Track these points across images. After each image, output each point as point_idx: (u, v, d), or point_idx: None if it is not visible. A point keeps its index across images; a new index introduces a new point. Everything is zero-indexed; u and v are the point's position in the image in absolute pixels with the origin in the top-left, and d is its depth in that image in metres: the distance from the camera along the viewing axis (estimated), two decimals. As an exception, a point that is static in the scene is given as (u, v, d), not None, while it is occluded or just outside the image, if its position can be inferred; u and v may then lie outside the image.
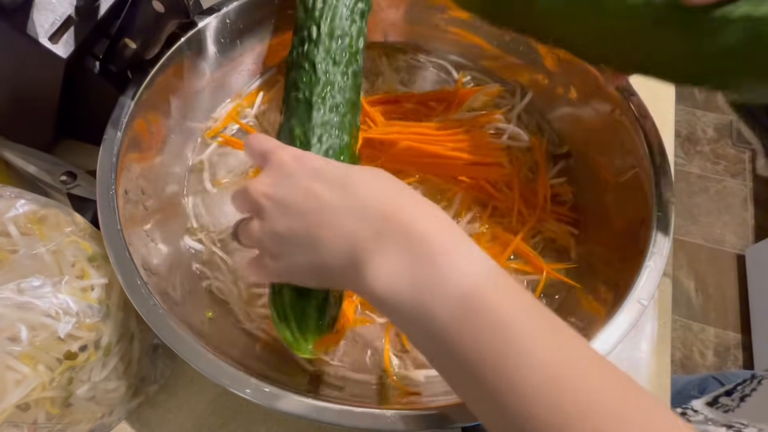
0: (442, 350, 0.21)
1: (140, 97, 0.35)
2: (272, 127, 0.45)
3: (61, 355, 0.27)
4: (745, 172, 1.50)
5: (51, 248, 0.29)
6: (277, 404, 0.25)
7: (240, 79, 0.46)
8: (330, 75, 0.34)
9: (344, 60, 0.35)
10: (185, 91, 0.41)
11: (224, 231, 0.39)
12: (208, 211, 0.40)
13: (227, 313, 0.36)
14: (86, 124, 0.44)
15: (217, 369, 0.26)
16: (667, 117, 0.53)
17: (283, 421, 0.36)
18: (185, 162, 0.42)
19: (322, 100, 0.33)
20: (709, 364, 1.19)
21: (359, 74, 0.37)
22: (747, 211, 1.42)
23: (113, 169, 0.32)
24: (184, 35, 0.38)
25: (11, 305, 0.26)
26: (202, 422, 0.35)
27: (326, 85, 0.34)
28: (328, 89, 0.34)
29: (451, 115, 0.44)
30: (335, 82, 0.34)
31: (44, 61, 0.33)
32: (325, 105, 0.33)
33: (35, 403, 0.27)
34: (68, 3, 0.33)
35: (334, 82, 0.34)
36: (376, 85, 0.48)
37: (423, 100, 0.45)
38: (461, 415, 0.25)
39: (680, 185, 1.45)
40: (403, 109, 0.44)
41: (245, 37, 0.43)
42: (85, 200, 0.39)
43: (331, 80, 0.34)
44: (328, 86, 0.34)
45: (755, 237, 1.37)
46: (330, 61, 0.35)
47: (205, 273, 0.37)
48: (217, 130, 0.44)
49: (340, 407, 0.25)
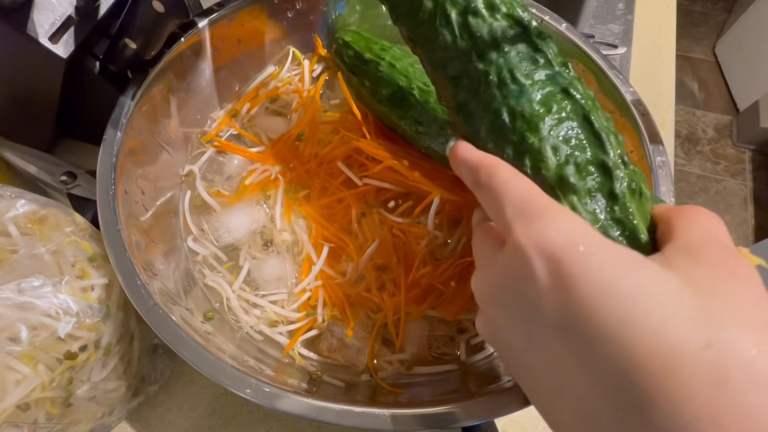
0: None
1: (140, 98, 0.35)
2: (264, 131, 0.45)
3: (61, 355, 0.27)
4: (745, 172, 1.50)
5: (51, 248, 0.29)
6: (277, 404, 0.25)
7: (239, 79, 0.46)
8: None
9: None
10: (185, 92, 0.41)
11: (223, 238, 0.39)
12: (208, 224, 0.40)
13: (226, 314, 0.36)
14: (86, 124, 0.44)
15: (218, 369, 0.26)
16: (667, 117, 0.53)
17: (283, 421, 0.36)
18: (184, 165, 0.42)
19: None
20: (709, 364, 1.19)
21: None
22: (747, 211, 1.43)
23: (113, 169, 0.32)
24: (184, 35, 0.38)
25: (11, 305, 0.26)
26: (202, 422, 0.35)
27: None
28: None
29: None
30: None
31: (44, 61, 0.33)
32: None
33: (35, 403, 0.27)
34: (68, 3, 0.33)
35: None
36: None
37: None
38: (461, 415, 0.25)
39: (680, 185, 1.45)
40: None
41: (245, 37, 0.44)
42: (85, 200, 0.39)
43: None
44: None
45: (755, 237, 1.37)
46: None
47: (205, 273, 0.37)
48: (212, 135, 0.44)
49: (339, 407, 0.25)
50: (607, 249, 0.16)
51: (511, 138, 0.22)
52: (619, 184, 0.20)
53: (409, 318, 0.35)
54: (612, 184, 0.20)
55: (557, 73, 0.22)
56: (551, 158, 0.20)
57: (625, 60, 0.59)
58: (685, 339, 0.14)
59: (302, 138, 0.43)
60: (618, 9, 0.64)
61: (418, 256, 0.36)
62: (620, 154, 0.21)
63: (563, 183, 0.20)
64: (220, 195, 0.40)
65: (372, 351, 0.34)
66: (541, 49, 0.23)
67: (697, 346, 0.14)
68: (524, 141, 0.21)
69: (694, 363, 0.13)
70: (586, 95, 0.22)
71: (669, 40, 0.62)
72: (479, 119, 0.23)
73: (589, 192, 0.20)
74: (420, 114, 0.37)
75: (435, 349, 0.35)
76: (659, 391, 0.14)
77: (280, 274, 0.37)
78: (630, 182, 0.20)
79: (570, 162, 0.20)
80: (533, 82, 0.22)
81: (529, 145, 0.21)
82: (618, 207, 0.20)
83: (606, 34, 0.61)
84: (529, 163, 0.21)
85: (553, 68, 0.23)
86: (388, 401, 0.31)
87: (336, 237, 0.38)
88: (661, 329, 0.14)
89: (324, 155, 0.41)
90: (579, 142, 0.21)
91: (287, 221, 0.39)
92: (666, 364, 0.14)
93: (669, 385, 0.14)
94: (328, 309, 0.36)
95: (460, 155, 0.21)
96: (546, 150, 0.21)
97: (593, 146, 0.21)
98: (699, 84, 1.72)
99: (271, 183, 0.41)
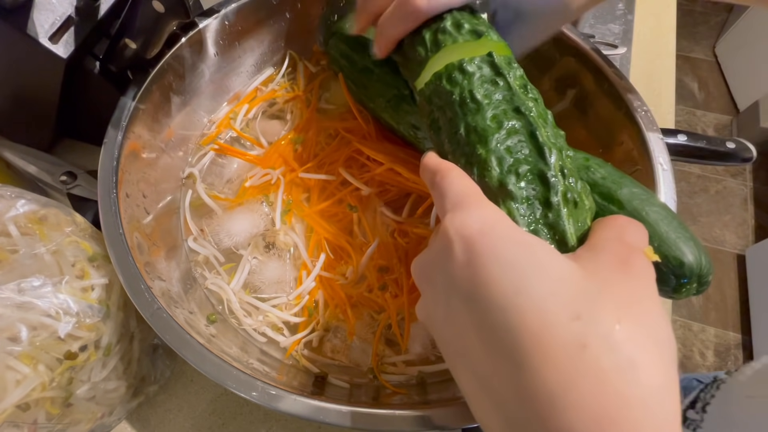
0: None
1: (141, 98, 0.35)
2: (263, 134, 0.45)
3: (61, 355, 0.27)
4: (745, 172, 1.50)
5: (51, 248, 0.29)
6: (283, 406, 0.25)
7: (239, 80, 0.46)
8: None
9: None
10: (185, 93, 0.41)
11: (223, 242, 0.39)
12: (209, 227, 0.40)
13: (228, 316, 0.36)
14: (86, 124, 0.44)
15: (223, 372, 0.26)
16: (667, 117, 0.53)
17: (283, 421, 0.36)
18: (184, 168, 0.42)
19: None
20: (710, 364, 1.19)
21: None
22: (747, 211, 1.43)
23: (114, 172, 0.32)
24: (184, 35, 0.38)
25: (11, 305, 0.26)
26: (202, 422, 0.35)
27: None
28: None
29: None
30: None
31: (44, 61, 0.33)
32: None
33: (35, 403, 0.27)
34: (68, 3, 0.33)
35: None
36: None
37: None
38: (462, 416, 0.25)
39: (680, 185, 1.45)
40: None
41: (244, 38, 0.44)
42: (85, 200, 0.39)
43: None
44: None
45: (755, 237, 1.37)
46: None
47: (206, 276, 0.37)
48: (212, 137, 0.43)
49: (342, 408, 0.25)
50: (515, 233, 0.18)
51: (465, 149, 0.24)
52: (555, 193, 0.22)
53: (413, 318, 0.35)
54: (549, 193, 0.22)
55: (513, 93, 0.25)
56: (495, 168, 0.23)
57: (625, 60, 0.59)
58: (561, 310, 0.16)
59: (301, 140, 0.43)
60: (618, 9, 0.64)
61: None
62: (561, 166, 0.23)
63: (503, 189, 0.22)
64: (220, 198, 0.40)
65: (376, 352, 0.34)
66: (502, 72, 0.25)
67: (568, 317, 0.16)
68: (474, 152, 0.24)
69: (561, 331, 0.15)
70: (539, 113, 0.25)
71: (669, 40, 0.62)
72: (444, 133, 0.26)
73: (526, 199, 0.22)
74: (417, 119, 0.37)
75: (438, 350, 0.35)
76: (530, 353, 0.16)
77: (280, 278, 0.37)
78: (566, 192, 0.22)
79: (511, 171, 0.22)
80: (490, 101, 0.24)
81: (478, 156, 0.23)
82: (551, 213, 0.21)
83: (606, 34, 0.61)
84: (477, 171, 0.23)
85: (511, 89, 0.25)
86: (392, 402, 0.31)
87: (337, 238, 0.38)
88: (544, 300, 0.16)
89: (324, 157, 0.41)
90: (523, 155, 0.23)
91: (288, 224, 0.39)
92: (540, 330, 0.16)
93: (538, 349, 0.15)
94: (330, 310, 0.36)
95: (425, 162, 0.24)
96: (491, 160, 0.23)
97: (535, 158, 0.23)
98: (699, 84, 1.72)
99: (271, 186, 0.41)
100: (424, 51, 0.28)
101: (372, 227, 0.38)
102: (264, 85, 0.47)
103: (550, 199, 0.22)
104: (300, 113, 0.45)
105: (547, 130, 0.24)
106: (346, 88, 0.42)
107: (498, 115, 0.24)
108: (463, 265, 0.18)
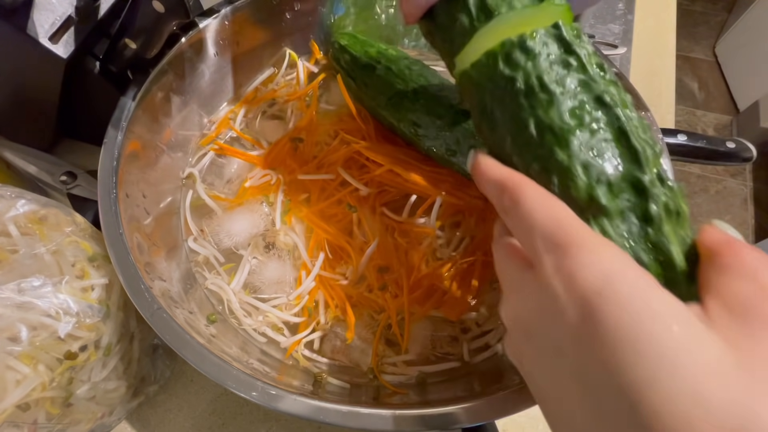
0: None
1: (141, 98, 0.35)
2: (263, 135, 0.45)
3: (61, 355, 0.27)
4: (745, 172, 1.50)
5: (51, 248, 0.29)
6: (283, 406, 0.25)
7: (238, 80, 0.46)
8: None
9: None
10: (185, 93, 0.41)
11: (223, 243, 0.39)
12: (209, 228, 0.40)
13: (228, 316, 0.36)
14: (86, 124, 0.44)
15: (223, 372, 0.26)
16: (667, 117, 0.53)
17: (282, 421, 0.36)
18: (184, 168, 0.42)
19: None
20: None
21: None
22: (747, 211, 1.43)
23: (114, 172, 0.32)
24: (184, 35, 0.38)
25: (11, 305, 0.26)
26: (202, 422, 0.35)
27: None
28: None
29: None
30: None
31: (44, 61, 0.33)
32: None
33: (35, 403, 0.27)
34: (68, 3, 0.33)
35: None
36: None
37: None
38: (462, 416, 0.25)
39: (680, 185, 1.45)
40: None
41: (244, 38, 0.44)
42: (85, 200, 0.39)
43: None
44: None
45: (755, 237, 1.37)
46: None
47: (206, 276, 0.37)
48: (212, 137, 0.43)
49: (342, 408, 0.25)
50: (643, 296, 0.14)
51: (538, 152, 0.20)
52: (654, 204, 0.18)
53: (413, 318, 0.35)
54: (647, 204, 0.18)
55: (591, 78, 0.20)
56: (581, 177, 0.18)
57: (625, 60, 0.59)
58: (717, 408, 0.12)
59: (301, 141, 0.43)
60: (618, 9, 0.64)
61: (419, 257, 0.36)
62: (657, 169, 0.19)
63: (593, 204, 0.18)
64: (220, 199, 0.40)
65: (376, 352, 0.34)
66: (574, 50, 0.20)
67: (730, 423, 0.12)
68: (552, 157, 0.19)
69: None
70: (622, 102, 0.20)
71: (669, 40, 0.62)
72: (504, 128, 0.21)
73: (621, 213, 0.18)
74: (418, 116, 0.37)
75: (438, 349, 0.35)
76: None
77: (280, 278, 0.37)
78: (667, 201, 0.18)
79: (602, 181, 0.18)
80: (564, 90, 0.20)
81: (558, 162, 0.19)
82: (652, 229, 0.18)
83: (606, 34, 0.61)
84: (557, 182, 0.19)
85: (587, 72, 0.20)
86: (392, 402, 0.31)
87: (336, 238, 0.38)
88: (694, 394, 0.13)
89: (323, 158, 0.41)
90: (612, 158, 0.19)
91: (288, 225, 0.39)
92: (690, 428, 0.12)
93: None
94: (331, 310, 0.36)
95: (483, 172, 0.20)
96: (576, 168, 0.19)
97: (627, 162, 0.19)
98: (699, 84, 1.72)
99: (271, 186, 0.41)
100: (468, 19, 0.22)
101: (372, 227, 0.38)
102: (264, 86, 0.47)
103: (650, 212, 0.18)
104: (300, 113, 0.45)
105: (635, 123, 0.20)
106: (345, 88, 0.42)
107: (577, 108, 0.19)
108: (579, 336, 0.15)
